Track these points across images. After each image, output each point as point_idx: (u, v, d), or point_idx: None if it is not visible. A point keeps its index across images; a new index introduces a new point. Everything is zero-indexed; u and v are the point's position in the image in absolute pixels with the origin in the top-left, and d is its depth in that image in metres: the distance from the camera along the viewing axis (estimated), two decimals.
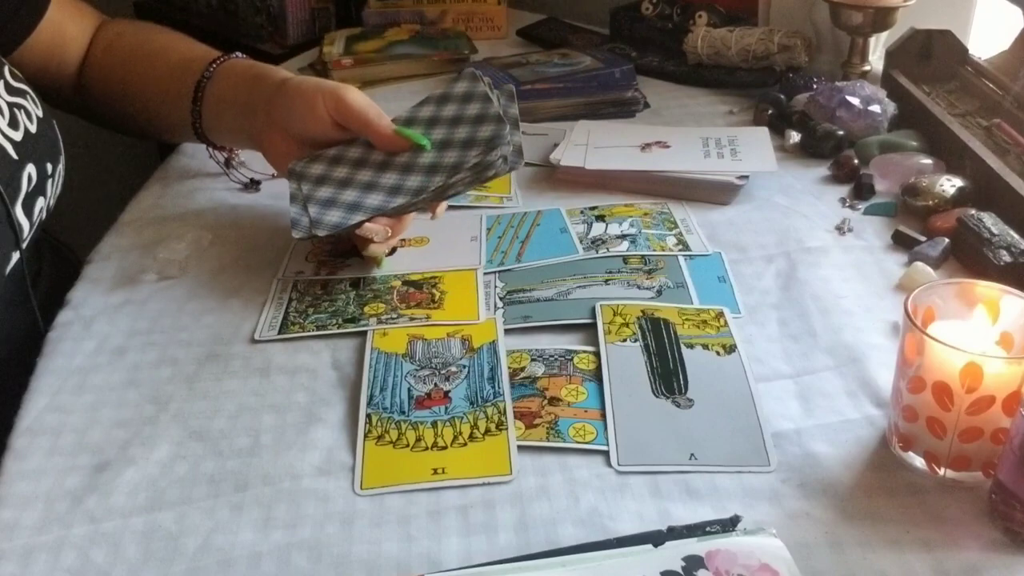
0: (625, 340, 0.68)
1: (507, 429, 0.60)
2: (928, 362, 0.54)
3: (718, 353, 0.67)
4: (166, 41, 0.90)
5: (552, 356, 0.67)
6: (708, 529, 0.51)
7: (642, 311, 0.71)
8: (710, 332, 0.69)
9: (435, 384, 0.64)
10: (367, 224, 0.74)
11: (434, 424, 0.61)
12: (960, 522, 0.54)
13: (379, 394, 0.64)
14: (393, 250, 0.79)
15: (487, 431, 0.60)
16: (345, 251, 0.81)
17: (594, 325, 0.70)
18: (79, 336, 0.72)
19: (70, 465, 0.59)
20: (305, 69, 1.30)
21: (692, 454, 0.59)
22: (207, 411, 0.64)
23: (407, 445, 0.59)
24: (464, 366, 0.66)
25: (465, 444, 0.59)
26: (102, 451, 0.61)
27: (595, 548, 0.51)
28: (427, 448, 0.59)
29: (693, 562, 0.49)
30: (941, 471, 0.56)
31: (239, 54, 0.87)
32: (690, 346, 0.68)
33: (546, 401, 0.63)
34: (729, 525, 0.52)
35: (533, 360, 0.67)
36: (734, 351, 0.67)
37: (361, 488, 0.57)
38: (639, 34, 1.30)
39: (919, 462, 0.57)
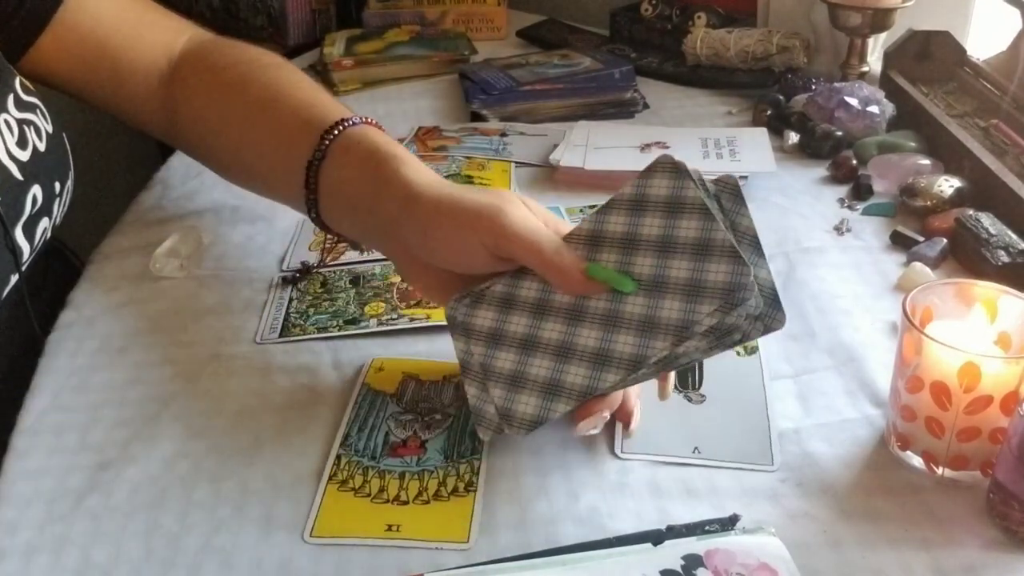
0: None
1: (475, 491, 0.57)
2: (926, 362, 0.54)
3: (739, 354, 0.67)
4: (273, 80, 0.73)
5: None
6: (707, 528, 0.52)
7: None
8: None
9: (414, 431, 0.61)
10: (580, 424, 0.58)
11: (402, 475, 0.58)
12: (958, 521, 0.54)
13: (355, 434, 0.61)
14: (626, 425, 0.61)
15: (454, 490, 0.57)
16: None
17: None
18: (81, 336, 0.72)
19: (72, 464, 0.60)
20: (306, 70, 1.30)
21: (696, 447, 0.59)
22: (208, 410, 0.64)
23: (368, 495, 0.57)
24: (450, 415, 0.63)
25: (428, 502, 0.56)
26: (104, 450, 0.61)
27: (594, 547, 0.51)
28: (388, 501, 0.56)
29: (692, 561, 0.49)
30: (939, 470, 0.56)
31: (362, 119, 0.68)
32: None
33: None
34: (728, 524, 0.52)
35: None
36: (755, 352, 0.67)
37: (311, 535, 0.54)
38: (638, 35, 1.30)
39: (917, 461, 0.57)
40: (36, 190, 0.69)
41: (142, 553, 0.53)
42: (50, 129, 0.72)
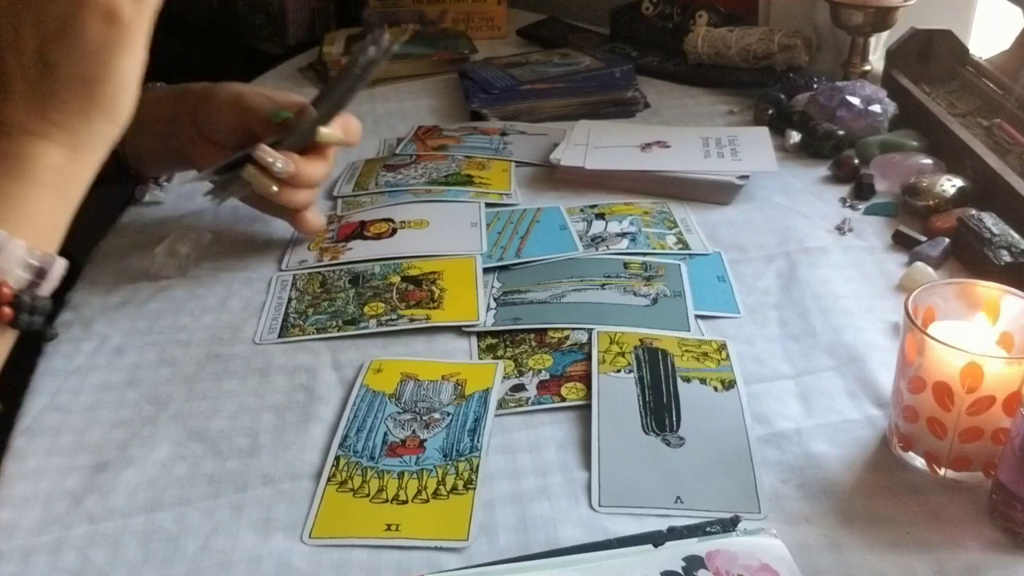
0: (619, 371, 0.65)
1: (474, 489, 0.57)
2: (928, 362, 0.54)
3: (716, 389, 0.64)
4: None
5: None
6: (708, 529, 0.51)
7: (640, 340, 0.69)
8: (710, 365, 0.66)
9: (413, 431, 0.61)
10: (262, 145, 0.73)
11: (400, 475, 0.58)
12: (960, 522, 0.54)
13: (354, 435, 0.61)
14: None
15: (453, 488, 0.57)
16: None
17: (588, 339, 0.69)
18: (78, 336, 0.72)
19: (69, 465, 0.59)
20: (305, 69, 1.30)
21: (678, 497, 0.55)
22: (207, 411, 0.64)
23: (367, 495, 0.56)
24: (448, 414, 0.62)
25: (427, 501, 0.56)
26: (101, 451, 0.61)
27: (595, 548, 0.51)
28: (387, 500, 0.56)
29: (693, 562, 0.49)
30: (941, 471, 0.56)
31: (159, 84, 0.83)
32: (687, 380, 0.65)
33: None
34: (729, 525, 0.52)
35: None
36: (733, 387, 0.64)
37: (310, 536, 0.54)
38: (639, 34, 1.30)
39: (919, 462, 0.57)
40: None
41: (140, 555, 0.53)
42: None
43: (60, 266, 0.49)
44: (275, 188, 0.74)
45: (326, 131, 0.75)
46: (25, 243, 0.47)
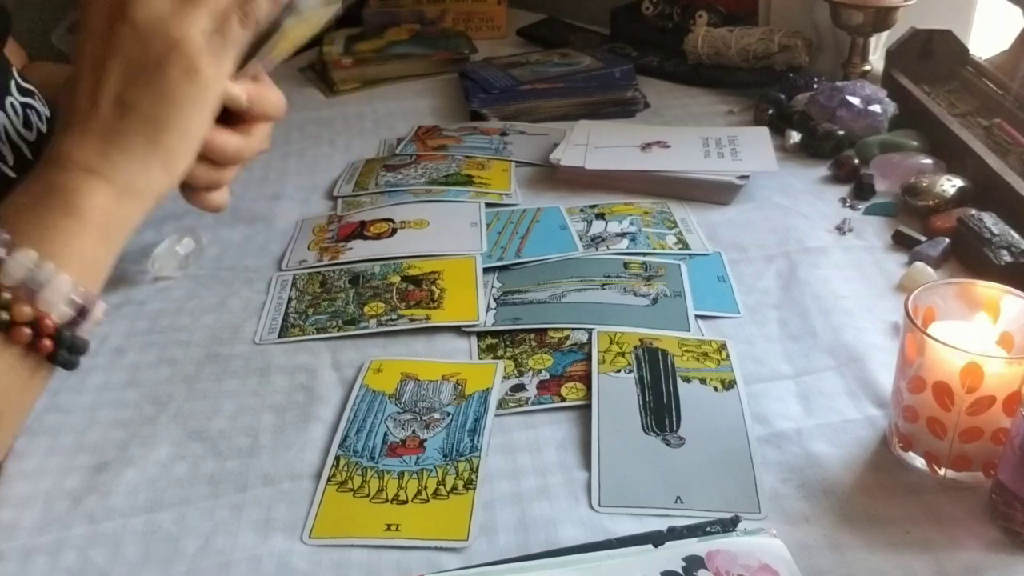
0: (619, 371, 0.65)
1: (474, 489, 0.57)
2: (928, 362, 0.54)
3: (716, 389, 0.64)
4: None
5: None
6: (708, 529, 0.51)
7: (640, 340, 0.69)
8: (710, 366, 0.66)
9: (413, 431, 0.61)
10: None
11: (400, 475, 0.58)
12: (960, 522, 0.54)
13: (354, 435, 0.61)
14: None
15: (453, 488, 0.57)
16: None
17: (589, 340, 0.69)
18: None
19: (69, 465, 0.59)
20: (305, 69, 1.30)
21: (678, 497, 0.55)
22: (206, 411, 0.64)
23: (367, 495, 0.56)
24: (448, 414, 0.62)
25: (427, 501, 0.56)
26: (101, 451, 0.61)
27: (595, 548, 0.51)
28: (387, 500, 0.56)
29: (693, 562, 0.49)
30: (941, 471, 0.56)
31: None
32: (687, 380, 0.65)
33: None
34: (729, 525, 0.52)
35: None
36: (733, 387, 0.64)
37: (310, 536, 0.54)
38: (639, 34, 1.30)
39: (919, 462, 0.57)
40: None
41: (140, 555, 0.53)
42: (48, 113, 0.74)
43: (100, 309, 0.49)
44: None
45: (230, 90, 0.57)
46: (71, 279, 0.47)
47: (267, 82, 0.60)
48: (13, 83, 0.71)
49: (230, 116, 0.59)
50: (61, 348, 0.47)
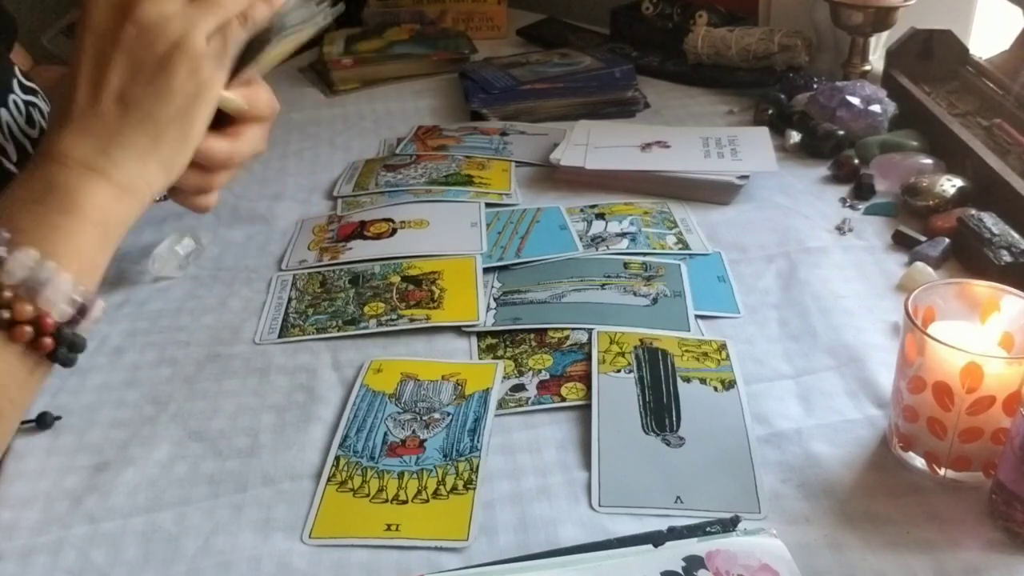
0: (619, 371, 0.65)
1: (474, 489, 0.57)
2: (928, 362, 0.54)
3: (716, 389, 0.64)
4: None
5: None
6: (708, 529, 0.51)
7: (640, 340, 0.69)
8: (710, 366, 0.66)
9: (413, 431, 0.61)
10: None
11: (400, 475, 0.58)
12: (960, 522, 0.54)
13: (354, 435, 0.61)
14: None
15: (453, 488, 0.57)
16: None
17: (588, 338, 0.69)
18: None
19: (69, 465, 0.59)
20: (305, 69, 1.30)
21: (678, 497, 0.55)
22: (206, 411, 0.64)
23: (367, 495, 0.56)
24: (448, 414, 0.62)
25: (427, 501, 0.56)
26: (101, 451, 0.61)
27: (595, 548, 0.51)
28: (387, 500, 0.56)
29: (693, 562, 0.49)
30: (941, 471, 0.56)
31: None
32: (687, 380, 0.65)
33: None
34: (729, 525, 0.52)
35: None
36: (733, 387, 0.64)
37: (310, 536, 0.54)
38: (639, 34, 1.30)
39: (920, 462, 0.57)
40: None
41: (140, 555, 0.53)
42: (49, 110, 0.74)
43: (99, 307, 0.49)
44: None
45: (225, 95, 0.57)
46: (72, 277, 0.47)
47: (258, 82, 0.60)
48: (16, 81, 0.71)
49: (219, 121, 0.58)
50: (61, 346, 0.47)
